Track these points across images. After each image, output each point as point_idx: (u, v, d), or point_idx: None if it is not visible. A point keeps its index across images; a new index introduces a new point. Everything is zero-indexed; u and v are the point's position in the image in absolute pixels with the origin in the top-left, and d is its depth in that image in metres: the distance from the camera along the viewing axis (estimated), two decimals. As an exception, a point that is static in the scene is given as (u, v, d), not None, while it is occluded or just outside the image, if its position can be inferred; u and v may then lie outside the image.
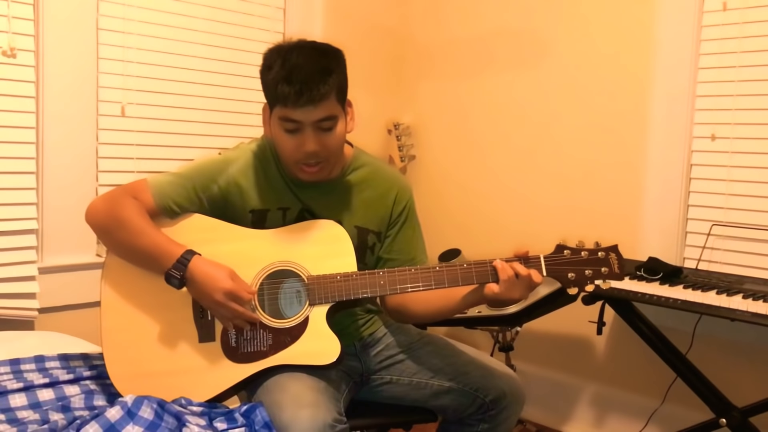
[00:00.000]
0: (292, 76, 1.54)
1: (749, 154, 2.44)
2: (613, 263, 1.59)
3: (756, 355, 2.46)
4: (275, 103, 1.59)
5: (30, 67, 2.25)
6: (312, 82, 1.54)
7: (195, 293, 1.58)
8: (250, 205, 1.69)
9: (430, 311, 1.74)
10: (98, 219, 1.64)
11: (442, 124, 3.34)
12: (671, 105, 2.61)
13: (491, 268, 1.59)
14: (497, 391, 1.72)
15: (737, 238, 2.47)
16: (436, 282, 1.62)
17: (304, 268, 1.62)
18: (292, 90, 1.53)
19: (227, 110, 2.78)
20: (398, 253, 1.80)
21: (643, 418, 2.70)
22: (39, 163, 2.30)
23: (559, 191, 2.95)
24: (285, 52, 1.58)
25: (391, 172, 1.85)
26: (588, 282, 1.59)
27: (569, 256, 1.59)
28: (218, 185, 1.67)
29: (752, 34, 2.41)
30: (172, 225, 1.64)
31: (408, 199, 1.82)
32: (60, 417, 1.39)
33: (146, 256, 1.59)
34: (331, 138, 1.62)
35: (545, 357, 3.02)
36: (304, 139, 1.59)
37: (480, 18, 3.18)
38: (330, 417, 1.47)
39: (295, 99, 1.54)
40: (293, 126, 1.59)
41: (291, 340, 1.60)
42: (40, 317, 2.28)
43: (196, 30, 2.67)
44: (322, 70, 1.56)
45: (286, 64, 1.56)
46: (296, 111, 1.56)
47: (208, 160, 1.71)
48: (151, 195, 1.63)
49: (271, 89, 1.59)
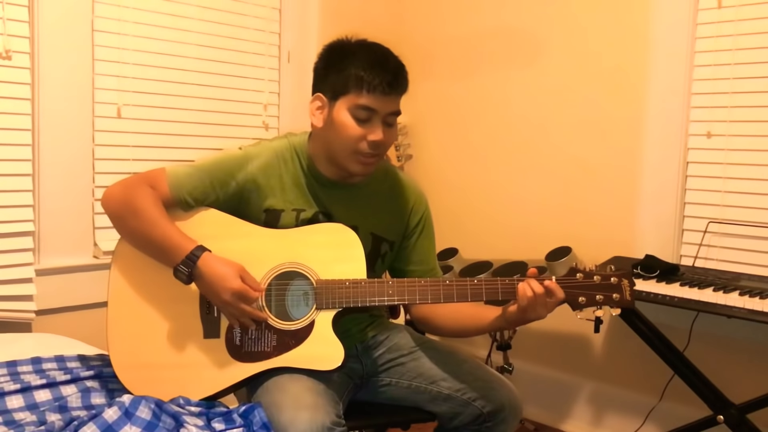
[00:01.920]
0: (387, 63, 1.58)
1: (745, 151, 2.45)
2: (625, 290, 1.56)
3: (753, 352, 2.46)
4: (352, 89, 1.59)
5: (25, 69, 2.25)
6: (402, 74, 1.60)
7: (203, 290, 1.58)
8: (266, 204, 1.67)
9: (455, 328, 1.74)
10: (113, 205, 1.63)
11: (439, 124, 3.34)
12: (667, 103, 2.61)
13: (502, 287, 1.57)
14: (496, 403, 1.70)
15: (734, 235, 2.47)
16: (445, 296, 1.60)
17: (313, 271, 1.61)
18: (385, 77, 1.57)
19: (223, 111, 2.78)
20: (418, 264, 1.80)
21: (641, 415, 2.70)
22: (35, 165, 2.30)
23: (555, 189, 2.95)
24: (361, 45, 1.63)
25: (409, 182, 1.85)
26: (598, 307, 1.57)
27: (581, 280, 1.56)
28: (236, 181, 1.66)
29: (747, 32, 2.42)
30: (186, 217, 1.64)
31: (425, 209, 1.82)
32: (57, 418, 1.39)
33: (157, 247, 1.58)
34: (393, 133, 1.65)
35: (543, 355, 3.02)
36: (373, 129, 1.60)
37: (476, 17, 3.18)
38: (329, 419, 1.47)
39: (387, 86, 1.57)
40: (366, 115, 1.59)
41: (295, 343, 1.59)
42: (36, 319, 2.27)
43: (191, 31, 2.67)
44: (403, 65, 1.62)
45: (374, 54, 1.60)
46: (380, 99, 1.58)
47: (228, 155, 1.69)
48: (167, 186, 1.63)
49: (349, 77, 1.59)
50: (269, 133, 2.91)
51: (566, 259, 2.54)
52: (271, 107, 2.92)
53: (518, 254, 2.80)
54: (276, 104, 2.94)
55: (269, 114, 2.92)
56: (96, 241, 2.46)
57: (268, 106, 2.90)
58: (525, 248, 2.88)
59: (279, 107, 2.95)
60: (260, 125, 2.89)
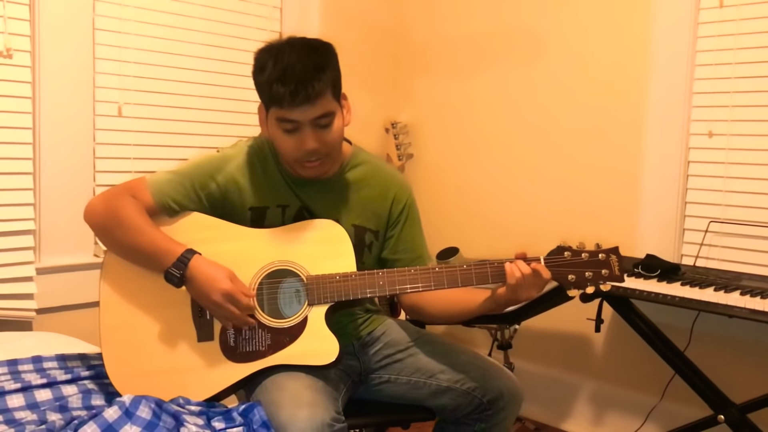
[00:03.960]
0: (285, 77, 1.52)
1: (747, 150, 2.45)
2: (613, 265, 1.58)
3: (754, 351, 2.46)
4: (271, 104, 1.58)
5: (26, 67, 2.25)
6: (306, 81, 1.52)
7: (194, 292, 1.58)
8: (249, 203, 1.68)
9: (446, 314, 1.75)
10: (97, 218, 1.64)
11: (440, 123, 3.34)
12: (668, 102, 2.61)
13: (491, 270, 1.58)
14: (495, 392, 1.71)
15: (735, 234, 2.47)
16: (436, 283, 1.61)
17: (303, 268, 1.62)
18: (287, 90, 1.52)
19: (224, 110, 2.78)
20: (404, 253, 1.79)
21: (642, 415, 2.70)
22: (36, 163, 2.30)
23: (556, 189, 2.95)
24: (276, 52, 1.57)
25: (389, 171, 1.84)
26: (588, 284, 1.58)
27: (569, 258, 1.58)
28: (216, 183, 1.66)
29: (749, 31, 2.41)
30: (172, 223, 1.64)
31: (407, 197, 1.81)
32: (58, 417, 1.39)
33: (146, 254, 1.58)
34: (330, 134, 1.61)
35: (544, 354, 3.02)
36: (303, 138, 1.58)
37: (476, 17, 3.18)
38: (328, 416, 1.47)
39: (291, 99, 1.53)
40: (291, 126, 1.58)
41: (290, 340, 1.59)
42: (37, 318, 2.28)
43: (192, 29, 2.66)
44: (315, 68, 1.54)
45: (279, 64, 1.54)
46: (293, 111, 1.55)
47: (206, 158, 1.70)
48: (149, 193, 1.63)
49: (265, 91, 1.58)
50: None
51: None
52: (271, 106, 2.92)
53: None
54: (277, 103, 2.94)
55: (270, 113, 2.91)
56: (97, 240, 2.45)
57: (268, 104, 2.90)
58: (526, 247, 2.85)
59: (280, 106, 2.94)
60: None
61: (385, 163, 1.90)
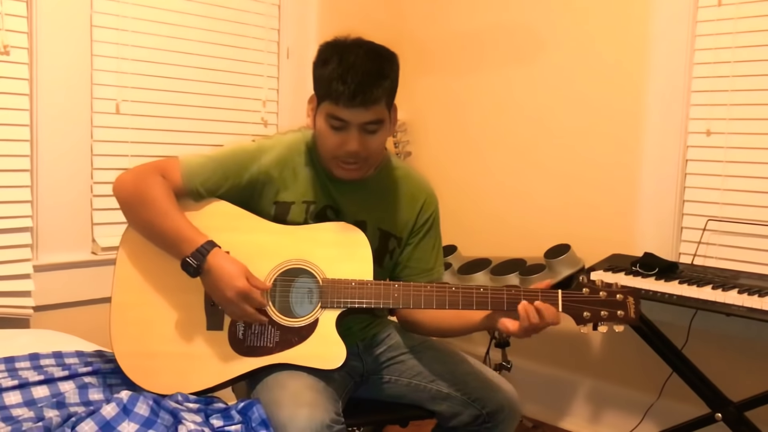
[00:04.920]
0: (348, 76, 1.52)
1: (744, 149, 2.45)
2: (629, 307, 1.55)
3: (751, 349, 2.46)
4: (325, 98, 1.58)
5: (23, 64, 2.24)
6: (366, 85, 1.53)
7: (207, 286, 1.57)
8: (277, 197, 1.68)
9: (440, 328, 1.73)
10: (124, 193, 1.63)
11: (438, 121, 3.34)
12: (666, 100, 2.61)
13: (507, 298, 1.56)
14: (495, 405, 1.70)
15: (733, 233, 2.47)
16: (450, 304, 1.59)
17: (319, 269, 1.61)
18: (346, 89, 1.52)
19: (222, 107, 2.77)
20: (417, 261, 1.78)
21: (640, 413, 2.71)
22: (33, 160, 2.29)
23: (554, 186, 2.95)
24: (343, 49, 1.57)
25: (421, 179, 1.83)
26: (601, 323, 1.57)
27: (587, 295, 1.56)
28: (249, 173, 1.66)
29: (747, 29, 2.42)
30: (196, 208, 1.63)
31: (435, 208, 1.81)
32: (54, 414, 1.39)
33: (167, 238, 1.58)
34: (374, 141, 1.61)
35: (541, 352, 3.02)
36: (349, 138, 1.58)
37: (476, 14, 3.18)
38: (328, 417, 1.46)
39: (348, 100, 1.53)
40: (340, 124, 1.57)
41: (298, 340, 1.58)
42: (35, 315, 2.27)
43: (190, 27, 2.66)
44: (378, 74, 1.55)
45: (344, 62, 1.54)
46: (346, 111, 1.55)
47: (242, 148, 1.69)
48: (180, 175, 1.62)
49: (323, 84, 1.57)
50: (268, 130, 2.90)
51: (565, 256, 2.54)
52: (269, 103, 2.91)
53: (517, 251, 2.80)
54: (275, 100, 2.93)
55: (268, 110, 2.91)
56: (94, 237, 2.45)
57: (266, 102, 2.89)
58: (524, 245, 2.88)
59: (278, 103, 2.94)
60: (259, 121, 2.88)
61: (417, 171, 1.88)
